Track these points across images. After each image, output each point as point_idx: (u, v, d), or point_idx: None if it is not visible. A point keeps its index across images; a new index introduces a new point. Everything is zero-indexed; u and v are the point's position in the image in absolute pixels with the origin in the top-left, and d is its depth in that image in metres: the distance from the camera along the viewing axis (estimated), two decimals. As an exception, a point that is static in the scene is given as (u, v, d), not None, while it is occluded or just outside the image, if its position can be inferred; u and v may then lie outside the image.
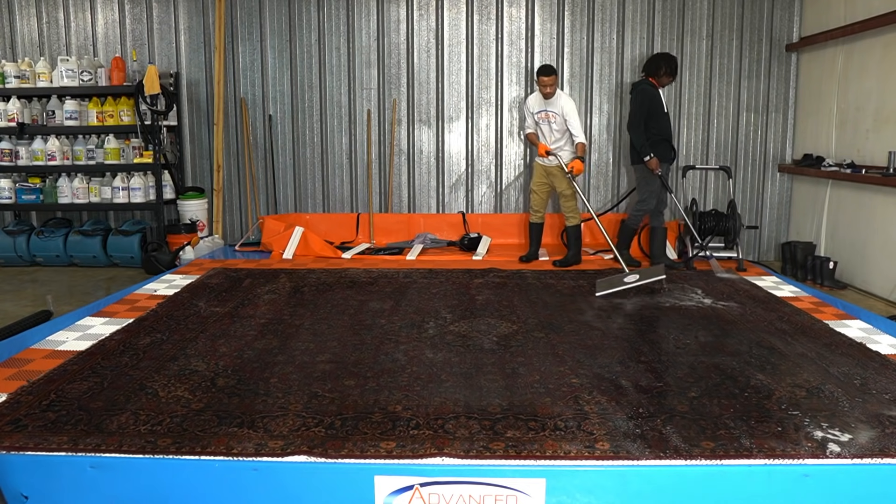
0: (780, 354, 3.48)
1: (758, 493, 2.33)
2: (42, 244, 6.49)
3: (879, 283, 5.42)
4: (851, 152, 5.85)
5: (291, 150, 7.03)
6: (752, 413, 2.73)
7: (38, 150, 6.59)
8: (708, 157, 6.95)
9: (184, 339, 3.69)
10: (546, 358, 3.40)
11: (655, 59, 5.69)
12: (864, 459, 2.37)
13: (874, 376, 3.15)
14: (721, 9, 6.73)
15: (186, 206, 6.78)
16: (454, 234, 6.85)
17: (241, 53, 6.88)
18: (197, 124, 7.05)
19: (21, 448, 2.42)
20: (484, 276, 5.23)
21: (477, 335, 3.78)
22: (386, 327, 3.93)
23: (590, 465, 2.35)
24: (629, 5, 6.74)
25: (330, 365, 3.29)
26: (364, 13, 6.82)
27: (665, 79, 5.63)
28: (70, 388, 2.97)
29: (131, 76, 6.68)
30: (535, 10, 6.79)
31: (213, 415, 2.70)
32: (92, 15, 6.92)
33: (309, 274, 5.31)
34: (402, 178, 7.07)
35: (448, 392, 2.95)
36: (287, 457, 2.37)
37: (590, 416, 2.70)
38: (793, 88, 6.83)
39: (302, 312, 4.24)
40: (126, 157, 6.69)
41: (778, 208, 7.02)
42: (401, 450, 2.41)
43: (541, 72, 5.52)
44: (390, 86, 6.92)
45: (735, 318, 4.15)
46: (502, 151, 7.01)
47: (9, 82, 6.59)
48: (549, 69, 5.50)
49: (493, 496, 2.29)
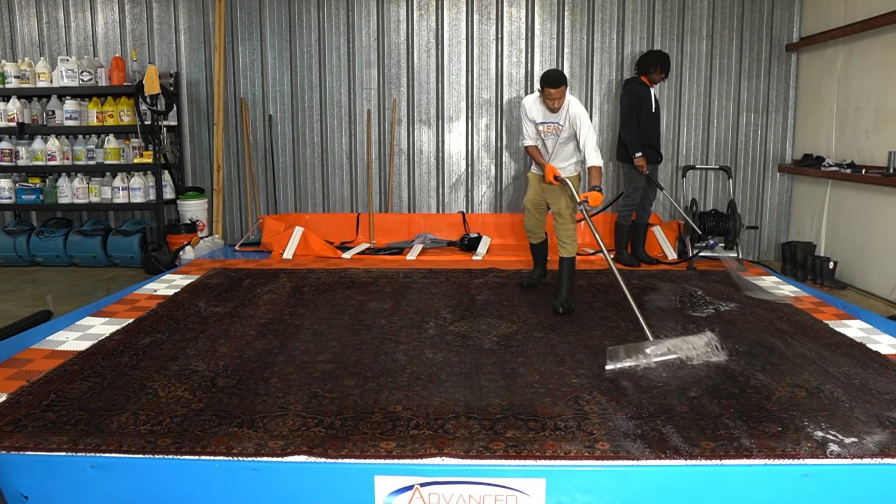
0: (780, 354, 3.47)
1: (758, 493, 2.33)
2: (42, 244, 6.49)
3: (879, 283, 5.42)
4: (851, 152, 5.85)
5: (291, 150, 7.03)
6: (752, 413, 2.73)
7: (38, 150, 6.59)
8: (708, 157, 6.95)
9: (184, 339, 3.69)
10: (546, 358, 3.40)
11: (647, 57, 5.73)
12: (864, 459, 2.37)
13: (874, 376, 3.15)
14: (721, 9, 6.73)
15: (186, 206, 6.78)
16: (454, 234, 6.85)
17: (241, 53, 6.88)
18: (197, 124, 7.05)
19: (21, 448, 2.42)
20: (484, 276, 5.23)
21: (477, 335, 3.78)
22: (386, 327, 3.93)
23: (590, 465, 2.35)
24: (629, 5, 6.74)
25: (330, 365, 3.29)
26: (364, 13, 6.82)
27: (656, 76, 5.66)
28: (70, 388, 2.97)
29: (131, 76, 6.68)
30: (535, 10, 6.79)
31: (213, 415, 2.70)
32: (92, 15, 6.91)
33: (309, 274, 5.31)
34: (402, 178, 7.06)
35: (448, 392, 2.95)
36: (287, 457, 2.37)
37: (590, 416, 2.70)
38: (793, 88, 6.83)
39: (302, 312, 4.24)
40: (126, 157, 6.69)
41: (778, 208, 7.02)
42: (401, 450, 2.41)
43: (546, 81, 4.19)
44: (390, 86, 6.92)
45: (735, 318, 4.15)
46: (502, 151, 7.01)
47: (9, 82, 6.59)
48: (557, 78, 4.18)
49: (493, 496, 2.29)
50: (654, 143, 5.74)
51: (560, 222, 4.46)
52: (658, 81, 5.73)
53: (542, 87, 4.22)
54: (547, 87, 4.19)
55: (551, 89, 4.18)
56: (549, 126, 4.42)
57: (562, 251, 4.45)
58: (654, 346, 3.34)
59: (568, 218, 4.44)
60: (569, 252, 4.43)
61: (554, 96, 4.20)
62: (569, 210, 4.42)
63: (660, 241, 6.27)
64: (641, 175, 5.62)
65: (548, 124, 4.42)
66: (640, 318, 3.51)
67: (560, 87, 4.18)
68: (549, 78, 4.19)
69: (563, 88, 4.19)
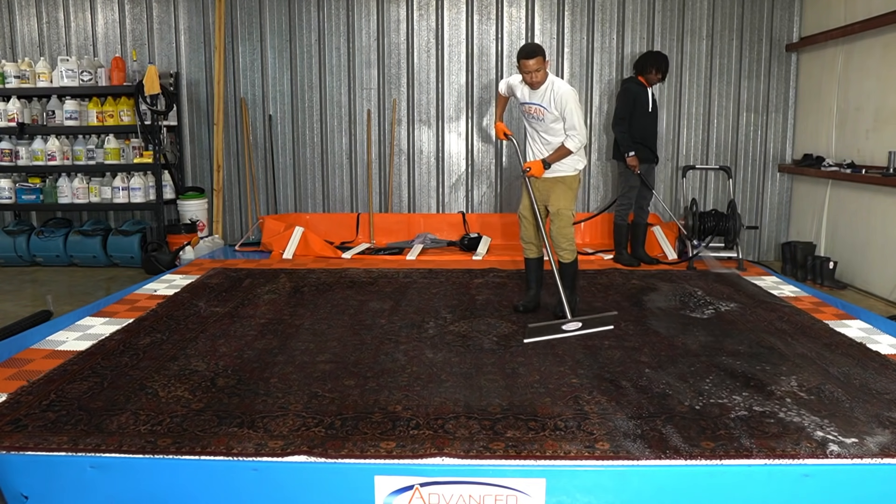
0: (780, 354, 3.47)
1: (758, 493, 2.33)
2: (42, 244, 6.49)
3: (879, 283, 5.42)
4: (851, 152, 5.85)
5: (291, 150, 7.03)
6: (752, 413, 2.73)
7: (38, 150, 6.59)
8: (708, 157, 6.95)
9: (184, 339, 3.69)
10: (546, 358, 3.40)
11: (644, 57, 5.74)
12: (864, 459, 2.37)
13: (874, 376, 3.15)
14: (721, 9, 6.73)
15: (186, 206, 6.78)
16: (454, 234, 6.85)
17: (241, 53, 6.88)
18: (197, 124, 7.05)
19: (21, 448, 2.42)
20: (484, 276, 5.23)
21: (477, 335, 3.78)
22: (386, 327, 3.93)
23: (590, 465, 2.35)
24: (629, 5, 6.74)
25: (330, 365, 3.29)
26: (364, 13, 6.82)
27: (653, 77, 5.66)
28: (70, 388, 2.97)
29: (131, 76, 6.68)
30: (535, 10, 6.79)
31: (213, 415, 2.70)
32: (92, 15, 6.91)
33: (309, 274, 5.31)
34: (402, 178, 7.06)
35: (448, 392, 2.95)
36: (287, 457, 2.37)
37: (590, 416, 2.70)
38: (793, 88, 6.82)
39: (302, 312, 4.23)
40: (126, 157, 6.69)
41: (778, 208, 7.02)
42: (401, 450, 2.41)
43: (520, 53, 3.93)
44: (390, 86, 6.92)
45: (735, 318, 4.15)
46: (502, 151, 7.01)
47: (9, 82, 6.59)
48: (529, 48, 3.91)
49: (493, 496, 2.29)
50: (649, 144, 5.73)
51: (559, 224, 4.14)
52: (655, 82, 5.72)
53: (518, 60, 3.93)
54: (522, 59, 3.89)
55: (527, 60, 3.87)
56: (532, 108, 4.08)
57: (560, 257, 4.18)
58: (569, 323, 3.69)
59: (567, 220, 4.16)
60: (568, 257, 4.18)
61: (531, 68, 3.88)
62: (569, 211, 4.16)
63: (660, 241, 6.27)
64: (635, 174, 5.63)
65: (531, 105, 4.08)
66: (563, 297, 3.84)
67: (535, 58, 3.86)
68: (522, 49, 3.93)
69: (538, 59, 3.87)
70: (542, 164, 4.05)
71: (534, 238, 4.30)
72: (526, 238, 4.33)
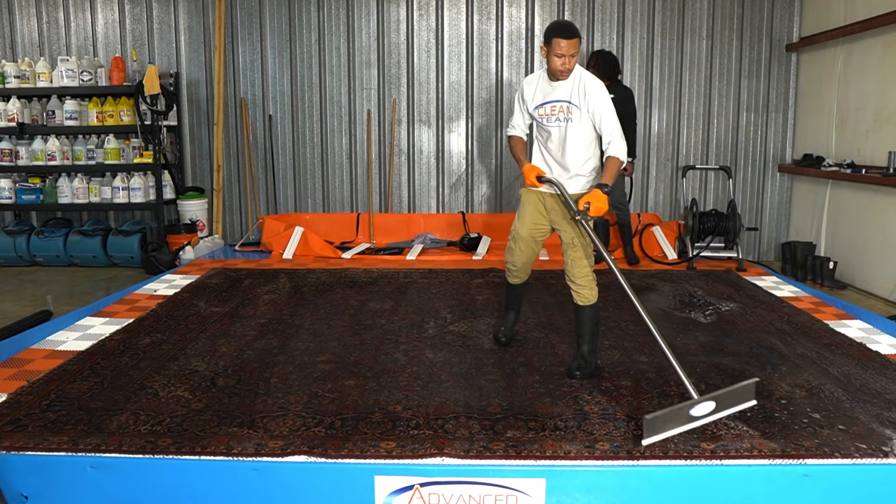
0: (780, 354, 3.48)
1: (758, 493, 2.33)
2: (42, 244, 6.49)
3: (879, 283, 5.42)
4: (851, 152, 5.85)
5: (291, 150, 7.03)
6: (753, 413, 2.73)
7: (38, 150, 6.59)
8: (708, 157, 6.95)
9: (184, 339, 3.69)
10: (546, 358, 3.40)
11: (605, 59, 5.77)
12: (864, 459, 2.37)
13: (874, 376, 3.15)
14: (721, 9, 6.73)
15: (186, 206, 6.78)
16: (454, 234, 6.85)
17: (241, 53, 6.88)
18: (197, 124, 7.05)
19: (21, 448, 2.42)
20: (484, 276, 5.23)
21: (477, 335, 3.78)
22: (386, 327, 3.93)
23: (590, 465, 2.35)
24: (629, 5, 6.74)
25: (330, 365, 3.29)
26: (364, 13, 6.82)
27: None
28: (70, 388, 2.97)
29: (131, 76, 6.68)
30: (535, 10, 6.79)
31: (213, 415, 2.70)
32: (92, 15, 6.91)
33: (309, 274, 5.31)
34: (402, 178, 7.06)
35: (448, 392, 2.95)
36: (287, 457, 2.37)
37: (590, 416, 2.70)
38: (793, 88, 6.82)
39: (302, 312, 4.24)
40: (126, 157, 6.69)
41: (778, 208, 7.02)
42: (401, 450, 2.41)
43: (556, 31, 3.03)
44: (390, 86, 6.92)
45: (735, 318, 4.15)
46: (502, 151, 7.00)
47: (9, 82, 6.58)
48: (572, 28, 3.05)
49: (493, 496, 2.29)
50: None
51: (574, 256, 3.20)
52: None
53: (550, 39, 3.03)
54: (557, 38, 3.00)
55: (566, 40, 2.99)
56: (554, 106, 3.16)
57: (577, 297, 3.22)
58: (698, 405, 2.52)
59: (584, 251, 3.20)
60: (588, 298, 3.21)
61: (566, 51, 3.01)
62: (587, 239, 3.18)
63: (659, 241, 6.26)
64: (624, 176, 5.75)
65: (552, 104, 3.16)
66: (680, 372, 2.65)
67: (574, 39, 3.01)
68: (559, 27, 3.05)
69: (577, 41, 3.02)
70: (601, 193, 3.03)
71: (525, 264, 3.45)
72: (514, 263, 3.44)
